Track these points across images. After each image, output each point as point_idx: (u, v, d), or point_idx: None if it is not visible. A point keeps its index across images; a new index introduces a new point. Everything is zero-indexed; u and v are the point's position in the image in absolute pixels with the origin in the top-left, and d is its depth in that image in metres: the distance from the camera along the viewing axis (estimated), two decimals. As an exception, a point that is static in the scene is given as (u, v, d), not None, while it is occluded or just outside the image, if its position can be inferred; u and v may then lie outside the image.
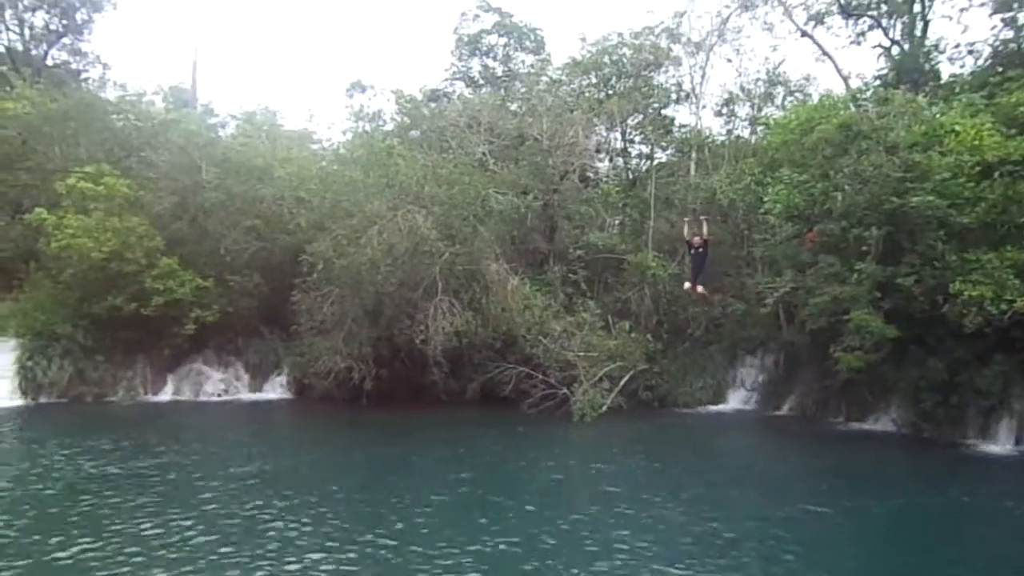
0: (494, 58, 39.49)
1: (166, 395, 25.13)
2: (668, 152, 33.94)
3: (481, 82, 38.97)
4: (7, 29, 37.49)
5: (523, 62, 39.19)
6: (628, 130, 33.91)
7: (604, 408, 23.03)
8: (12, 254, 26.42)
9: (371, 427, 21.62)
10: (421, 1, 66.18)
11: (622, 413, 23.52)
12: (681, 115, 33.78)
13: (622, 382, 24.33)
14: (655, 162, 33.09)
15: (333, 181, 25.36)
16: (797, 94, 31.87)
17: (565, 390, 23.15)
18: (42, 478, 14.53)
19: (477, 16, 39.18)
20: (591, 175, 32.10)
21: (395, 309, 23.78)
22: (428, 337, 22.56)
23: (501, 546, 11.29)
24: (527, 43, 39.38)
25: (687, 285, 18.35)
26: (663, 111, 33.34)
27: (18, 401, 23.01)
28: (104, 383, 24.38)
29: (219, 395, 25.62)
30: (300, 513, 12.59)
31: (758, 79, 31.98)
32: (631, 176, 33.87)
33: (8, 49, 37.44)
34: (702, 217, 19.16)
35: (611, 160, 34.67)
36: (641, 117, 33.08)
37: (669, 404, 25.65)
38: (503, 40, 39.32)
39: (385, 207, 23.45)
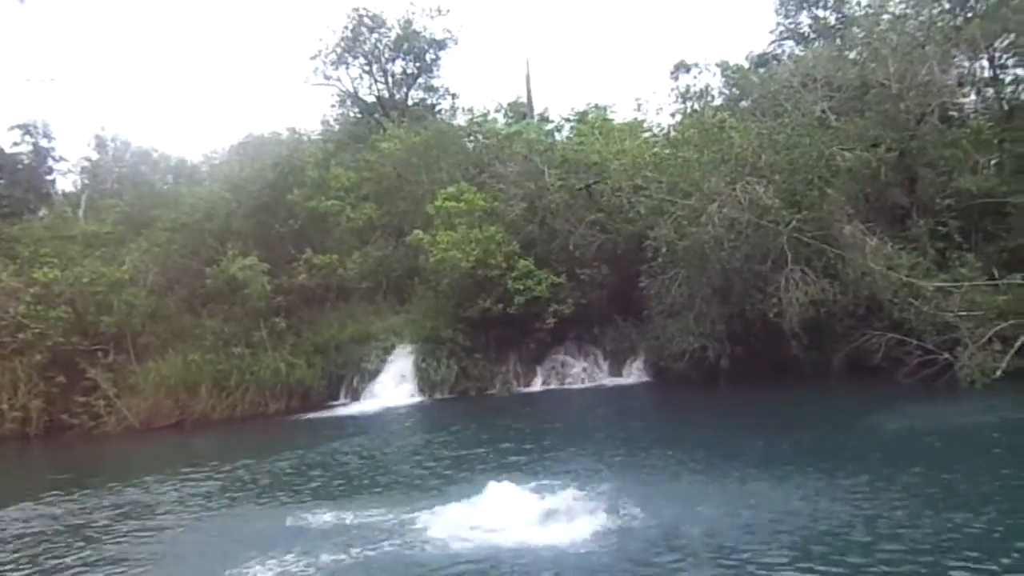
0: (824, 7, 36.70)
1: (536, 386, 27.45)
2: (1054, 70, 28.67)
3: (812, 36, 36.42)
4: (375, 81, 44.05)
5: (859, 4, 35.82)
6: (997, 54, 29.28)
7: (998, 373, 20.12)
8: (400, 272, 30.93)
9: (730, 407, 21.42)
10: (737, -33, 63.71)
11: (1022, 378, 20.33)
12: (1069, 23, 28.25)
13: (1018, 343, 21.04)
14: (1037, 85, 28.16)
15: (668, 165, 25.49)
16: None
17: (947, 355, 20.69)
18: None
19: (803, -36, 36.80)
20: (954, 114, 28.30)
21: (744, 284, 23.24)
22: (782, 310, 21.71)
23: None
24: (862, -19, 35.96)
25: None
26: (1043, 23, 28.19)
27: (418, 398, 26.84)
28: (484, 378, 27.42)
29: (583, 382, 27.26)
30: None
31: None
32: (1006, 107, 29.20)
33: (379, 98, 44.00)
34: None
35: (978, 92, 30.21)
36: (1013, 36, 28.34)
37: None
38: (834, -16, 36.39)
39: (723, 183, 22.97)
